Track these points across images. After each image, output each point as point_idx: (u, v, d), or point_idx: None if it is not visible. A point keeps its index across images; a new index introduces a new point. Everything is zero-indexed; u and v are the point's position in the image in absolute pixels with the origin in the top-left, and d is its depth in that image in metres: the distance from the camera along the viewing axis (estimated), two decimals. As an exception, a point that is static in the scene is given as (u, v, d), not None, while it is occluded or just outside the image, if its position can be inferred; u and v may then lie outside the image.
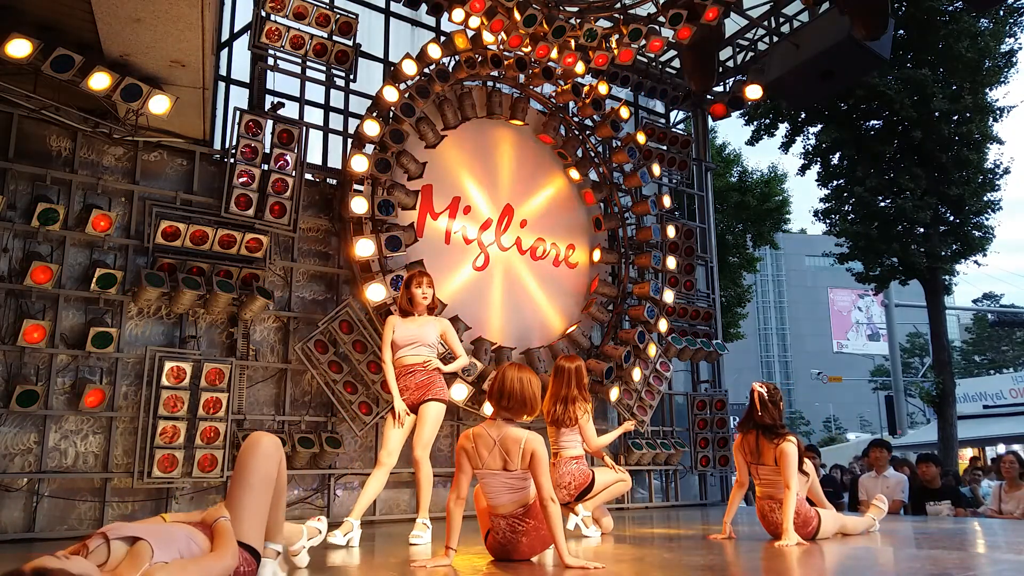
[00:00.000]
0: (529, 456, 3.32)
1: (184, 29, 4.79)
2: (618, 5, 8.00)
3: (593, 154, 8.48)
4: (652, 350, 7.92)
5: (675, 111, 10.20)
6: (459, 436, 3.54)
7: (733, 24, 9.22)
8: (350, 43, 6.70)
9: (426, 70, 7.11)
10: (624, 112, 8.49)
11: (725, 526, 4.56)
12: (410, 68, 6.89)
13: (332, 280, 6.72)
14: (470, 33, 7.29)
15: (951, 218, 13.30)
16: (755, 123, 14.70)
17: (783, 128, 14.56)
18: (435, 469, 4.70)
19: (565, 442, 4.94)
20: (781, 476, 4.28)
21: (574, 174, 8.40)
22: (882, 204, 13.33)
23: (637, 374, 7.80)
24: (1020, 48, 13.32)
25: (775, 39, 8.95)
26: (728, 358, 9.30)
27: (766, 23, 8.98)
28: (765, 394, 4.49)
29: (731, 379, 9.38)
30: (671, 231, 8.48)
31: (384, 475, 4.45)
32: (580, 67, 7.82)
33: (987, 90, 12.90)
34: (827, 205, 14.41)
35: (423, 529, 4.34)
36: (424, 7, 7.65)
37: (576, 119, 8.38)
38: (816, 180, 14.41)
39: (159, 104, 5.32)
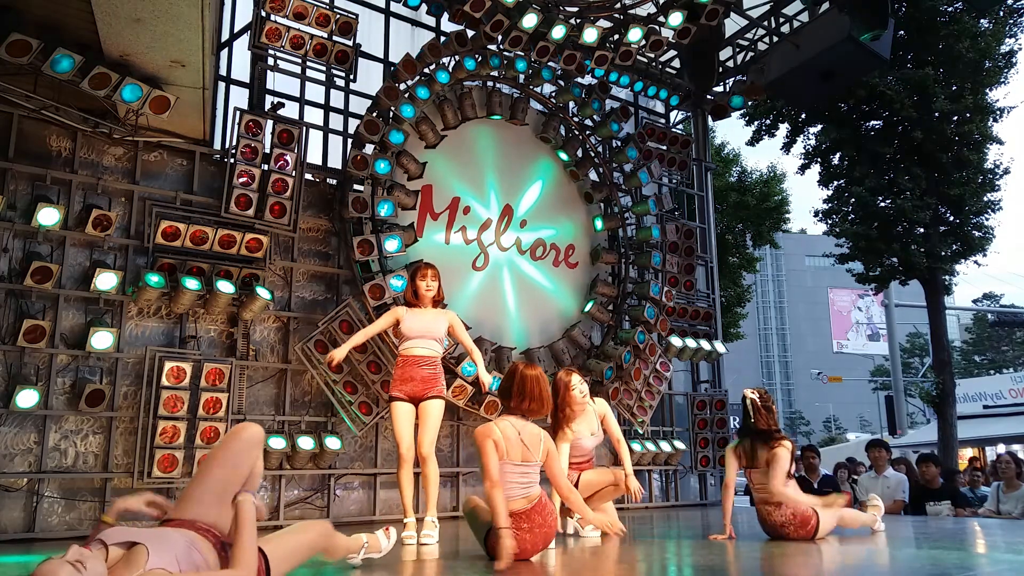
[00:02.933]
0: (547, 452, 3.64)
1: (184, 29, 4.79)
2: (618, 5, 8.00)
3: (593, 154, 8.48)
4: (652, 350, 7.92)
5: (675, 111, 10.20)
6: (476, 432, 3.61)
7: (733, 24, 9.22)
8: (350, 43, 6.70)
9: (426, 70, 7.11)
10: (624, 112, 8.49)
11: (726, 527, 4.58)
12: (410, 68, 6.90)
13: (332, 280, 6.72)
14: (470, 33, 7.29)
15: (951, 218, 13.28)
16: (755, 123, 14.69)
17: (783, 128, 14.55)
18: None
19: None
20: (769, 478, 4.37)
21: (574, 174, 8.40)
22: (882, 204, 13.31)
23: (637, 374, 7.80)
24: (1020, 49, 13.34)
25: (775, 39, 8.95)
26: (728, 358, 9.30)
27: (766, 23, 8.98)
28: (757, 400, 4.56)
29: (731, 379, 9.38)
30: (671, 231, 8.48)
31: (411, 470, 4.47)
32: (579, 67, 7.81)
33: (987, 90, 12.89)
34: (828, 206, 14.39)
35: (432, 528, 4.32)
36: (424, 7, 7.66)
37: (576, 119, 8.38)
38: (817, 181, 14.39)
39: (159, 104, 5.32)
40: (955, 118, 12.58)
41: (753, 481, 4.54)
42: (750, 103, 9.47)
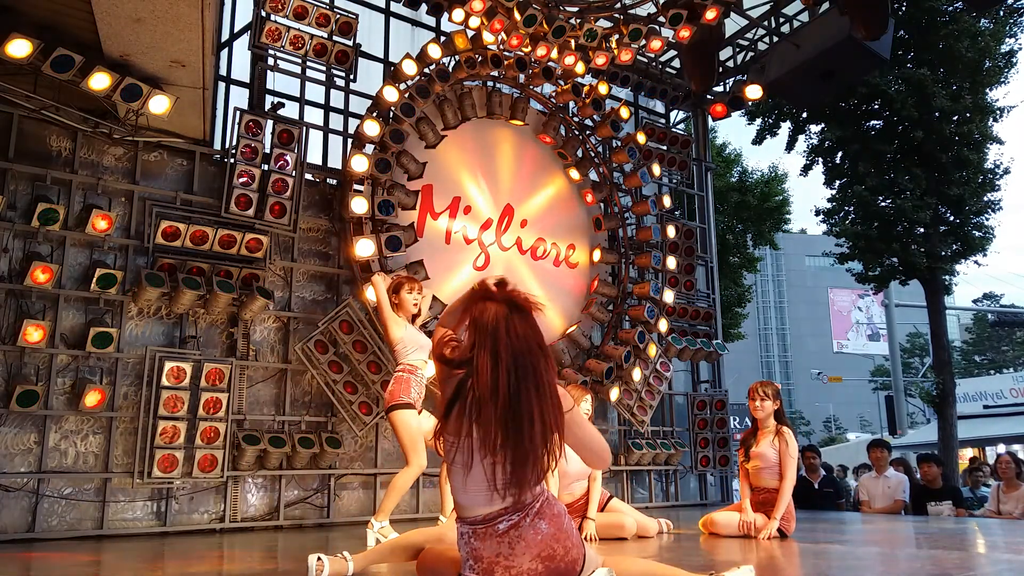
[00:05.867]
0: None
1: (184, 29, 4.79)
2: (618, 5, 7.99)
3: (593, 154, 8.47)
4: (652, 350, 7.92)
5: (675, 111, 10.19)
6: None
7: (733, 24, 9.21)
8: (350, 43, 6.70)
9: (426, 70, 7.11)
10: (624, 112, 8.50)
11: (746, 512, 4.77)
12: (410, 68, 6.90)
13: (332, 280, 6.72)
14: (470, 33, 7.29)
15: (951, 218, 13.28)
16: (758, 122, 14.67)
17: (785, 127, 14.54)
18: (430, 468, 4.69)
19: None
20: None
21: (574, 174, 8.39)
22: (882, 204, 13.31)
23: (637, 374, 7.80)
24: (1020, 48, 13.31)
25: (775, 39, 8.95)
26: (728, 358, 9.30)
27: (766, 23, 8.97)
28: None
29: (731, 379, 9.38)
30: (671, 231, 8.48)
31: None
32: (580, 67, 7.81)
33: (987, 90, 12.89)
34: (832, 204, 14.38)
35: None
36: (424, 7, 7.65)
37: (576, 119, 8.38)
38: (823, 183, 14.38)
39: (159, 104, 5.32)
40: (955, 118, 12.58)
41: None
42: (750, 103, 9.44)
